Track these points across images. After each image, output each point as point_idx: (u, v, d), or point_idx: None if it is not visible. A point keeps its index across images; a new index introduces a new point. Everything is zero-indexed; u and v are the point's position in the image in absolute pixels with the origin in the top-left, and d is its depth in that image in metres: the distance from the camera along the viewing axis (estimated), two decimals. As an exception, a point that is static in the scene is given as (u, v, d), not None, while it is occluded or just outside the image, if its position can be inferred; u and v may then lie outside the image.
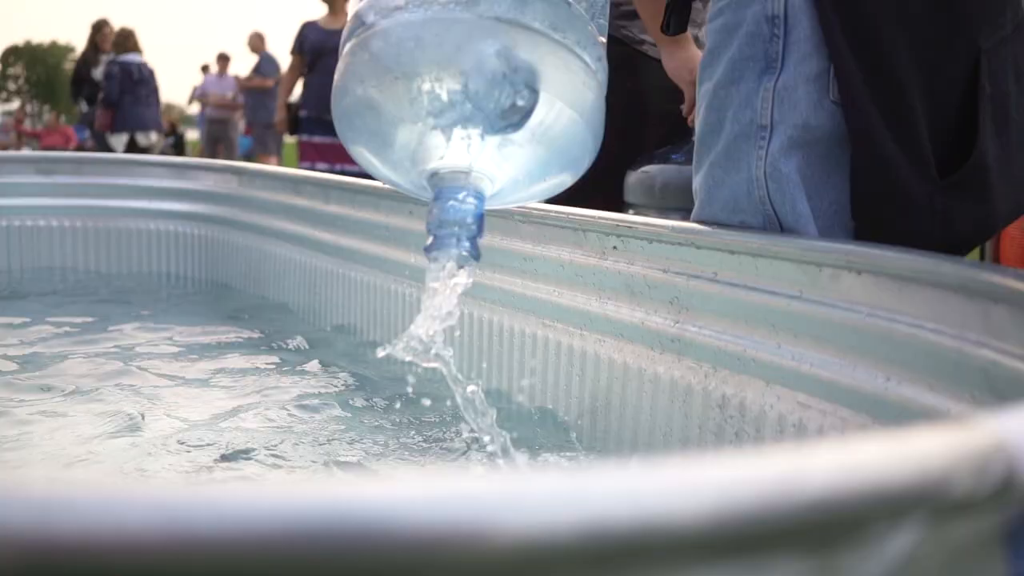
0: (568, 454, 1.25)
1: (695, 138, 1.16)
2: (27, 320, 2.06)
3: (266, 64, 9.18)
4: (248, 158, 9.31)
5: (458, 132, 0.89)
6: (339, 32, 4.53)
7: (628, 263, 1.22)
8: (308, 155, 5.53)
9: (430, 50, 0.87)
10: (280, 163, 9.21)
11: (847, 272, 0.96)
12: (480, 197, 0.93)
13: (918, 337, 0.88)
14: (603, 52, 0.95)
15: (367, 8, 0.91)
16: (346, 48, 0.93)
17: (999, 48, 1.08)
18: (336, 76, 0.94)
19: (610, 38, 0.93)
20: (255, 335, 1.96)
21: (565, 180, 0.95)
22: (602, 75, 0.95)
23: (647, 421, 1.20)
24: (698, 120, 1.15)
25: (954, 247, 1.07)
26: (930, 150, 1.04)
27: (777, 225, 1.07)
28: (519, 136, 0.90)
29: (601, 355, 1.27)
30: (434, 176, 0.93)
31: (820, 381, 0.99)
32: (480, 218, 0.92)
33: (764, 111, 1.05)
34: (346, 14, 5.55)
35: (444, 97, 0.87)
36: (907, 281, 0.90)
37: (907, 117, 1.03)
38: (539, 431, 1.33)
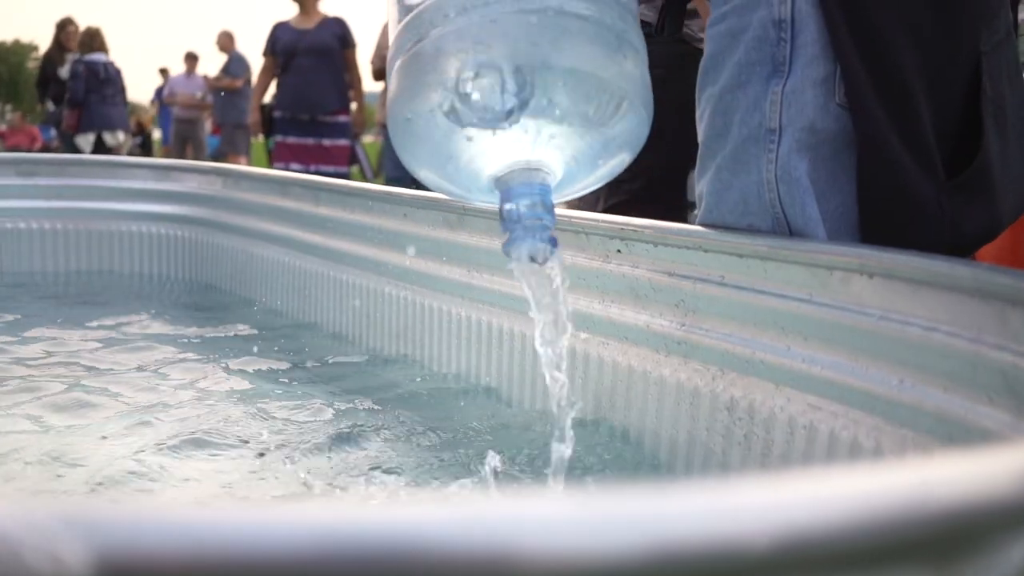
0: (571, 456, 1.25)
1: (699, 143, 1.17)
2: (7, 323, 2.03)
3: (235, 64, 9.13)
4: (216, 158, 9.26)
5: (517, 129, 0.90)
6: (310, 32, 4.58)
7: (632, 266, 1.23)
8: (282, 156, 5.51)
9: (482, 51, 0.88)
10: (249, 163, 9.16)
11: (859, 275, 0.97)
12: (547, 189, 0.94)
13: (932, 340, 0.89)
14: (639, 24, 0.97)
15: (411, 24, 0.93)
16: (397, 64, 0.94)
17: (995, 51, 1.10)
18: (391, 91, 0.95)
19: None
20: (242, 337, 1.94)
21: (625, 159, 0.97)
22: (644, 50, 0.96)
23: (653, 423, 1.21)
24: (701, 125, 1.15)
25: (962, 248, 1.08)
26: (936, 152, 1.05)
27: (786, 228, 1.08)
28: (578, 125, 0.92)
29: (604, 358, 1.28)
30: (499, 176, 0.94)
31: (831, 383, 1.00)
32: (551, 210, 0.93)
33: (773, 115, 1.06)
34: (318, 13, 5.56)
35: (500, 96, 0.88)
36: (921, 284, 0.91)
37: (913, 120, 1.04)
38: (540, 434, 1.32)
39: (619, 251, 1.24)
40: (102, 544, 0.25)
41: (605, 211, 1.77)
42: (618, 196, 1.78)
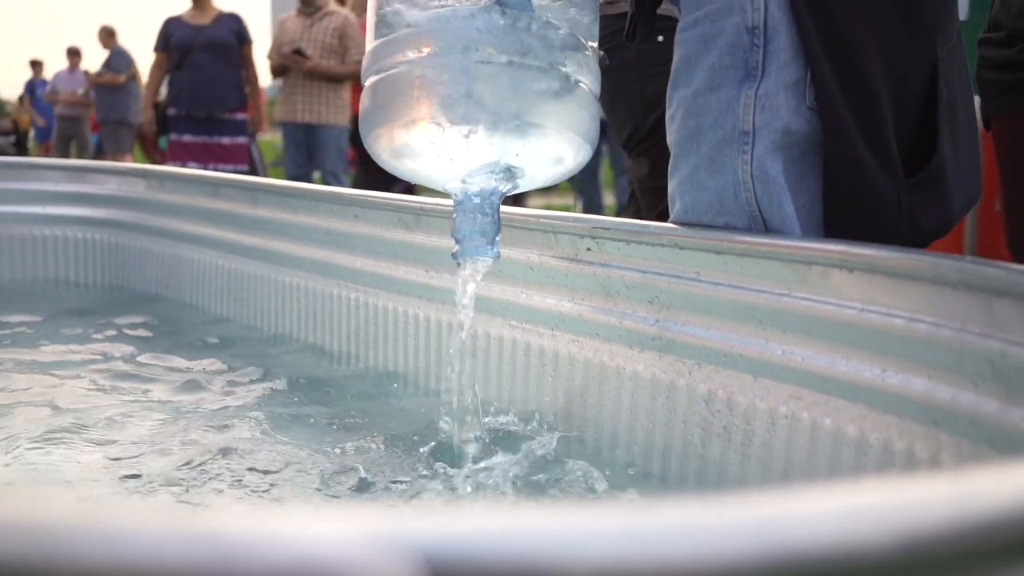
0: (545, 453, 1.27)
1: (670, 143, 1.20)
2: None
3: (117, 59, 8.84)
4: (96, 155, 8.94)
5: (474, 160, 1.04)
6: (207, 28, 4.54)
7: (603, 264, 1.25)
8: (178, 154, 5.36)
9: (450, 92, 1.00)
10: (135, 161, 8.87)
11: (838, 270, 1.01)
12: (495, 204, 1.08)
13: (916, 330, 0.93)
14: (595, 63, 1.11)
15: (386, 47, 1.04)
16: (372, 79, 1.06)
17: (949, 56, 1.16)
18: (365, 100, 1.08)
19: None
20: (174, 341, 1.89)
21: (567, 172, 1.12)
22: (596, 86, 1.10)
23: (627, 418, 1.23)
24: (673, 126, 1.18)
25: (919, 242, 1.14)
26: (897, 152, 1.11)
27: (762, 226, 1.12)
28: (525, 157, 1.06)
29: (575, 355, 1.30)
30: (453, 188, 1.07)
31: (811, 374, 1.04)
32: (497, 223, 1.09)
33: (746, 117, 1.10)
34: (212, 9, 5.42)
35: (463, 132, 1.02)
36: (902, 278, 0.95)
37: (877, 121, 1.10)
38: (511, 432, 1.33)
39: (589, 249, 1.27)
40: (432, 559, 0.25)
41: (655, 218, 1.81)
42: (664, 203, 1.82)
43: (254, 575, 0.25)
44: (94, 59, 9.44)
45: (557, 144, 1.06)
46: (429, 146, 1.04)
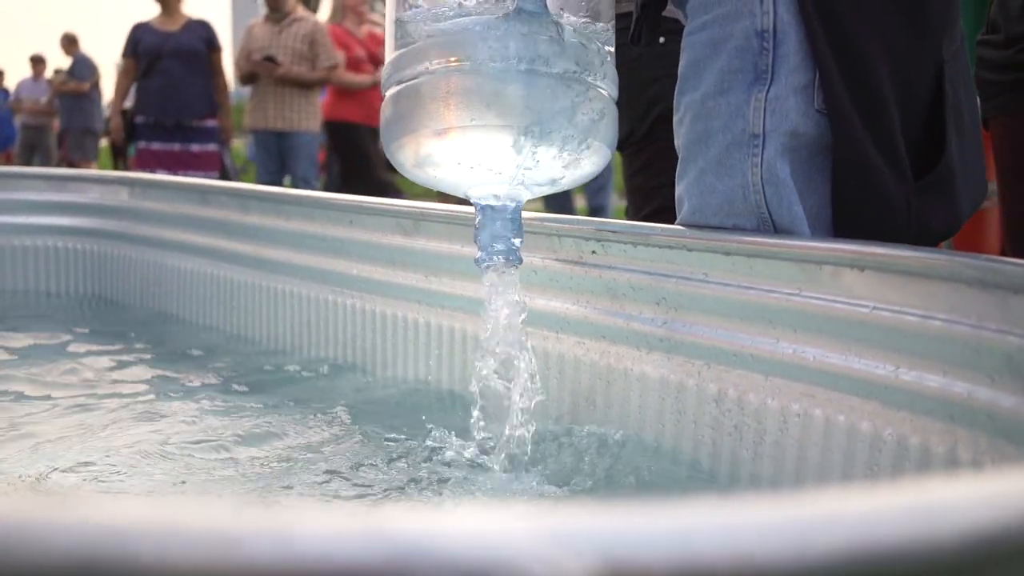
0: (552, 456, 1.27)
1: (679, 147, 1.20)
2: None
3: (81, 66, 8.75)
4: (59, 164, 8.85)
5: (497, 167, 1.06)
6: (176, 34, 4.46)
7: (609, 267, 1.26)
8: (147, 162, 5.31)
9: (473, 101, 1.02)
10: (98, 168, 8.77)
11: (849, 269, 1.02)
12: (517, 210, 1.10)
13: (930, 327, 0.94)
14: (613, 67, 1.13)
15: (413, 55, 1.05)
16: (394, 89, 1.08)
17: (954, 59, 1.18)
18: (389, 113, 1.09)
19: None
20: (161, 352, 1.87)
21: (587, 176, 1.14)
22: (615, 90, 1.13)
23: (636, 419, 1.24)
24: (681, 130, 1.19)
25: (927, 243, 1.16)
26: (905, 154, 1.12)
27: (771, 228, 1.13)
28: (547, 162, 1.08)
29: (581, 357, 1.30)
30: (476, 195, 1.10)
31: (824, 372, 1.05)
32: (519, 227, 1.11)
33: (756, 120, 1.11)
34: (181, 16, 5.37)
35: (488, 141, 1.04)
36: (913, 276, 0.96)
37: (885, 124, 1.11)
38: (517, 435, 1.33)
39: (594, 252, 1.27)
40: (609, 557, 0.25)
41: (643, 218, 1.82)
42: (653, 204, 1.82)
43: (432, 573, 0.25)
44: (56, 66, 9.33)
45: (579, 149, 1.09)
46: (454, 154, 1.05)
